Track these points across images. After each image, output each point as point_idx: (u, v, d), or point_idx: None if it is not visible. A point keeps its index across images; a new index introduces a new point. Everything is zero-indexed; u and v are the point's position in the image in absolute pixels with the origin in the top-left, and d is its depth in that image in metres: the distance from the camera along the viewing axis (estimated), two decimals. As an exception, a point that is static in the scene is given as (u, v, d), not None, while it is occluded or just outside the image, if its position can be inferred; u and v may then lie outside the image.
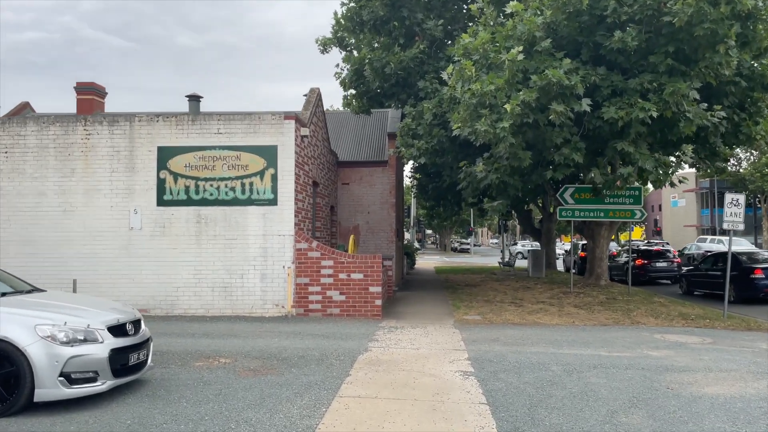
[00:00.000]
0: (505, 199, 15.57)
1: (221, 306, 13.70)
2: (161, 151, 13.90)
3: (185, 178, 13.83)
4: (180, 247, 13.80)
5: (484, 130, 12.16)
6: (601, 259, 22.61)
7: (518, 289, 21.25)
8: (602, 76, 13.38)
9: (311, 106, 16.19)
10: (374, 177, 20.63)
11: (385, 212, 20.55)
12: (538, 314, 14.58)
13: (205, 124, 13.91)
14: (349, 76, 18.22)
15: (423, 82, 16.83)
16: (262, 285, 13.67)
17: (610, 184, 14.21)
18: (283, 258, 13.67)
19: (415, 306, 16.11)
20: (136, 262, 13.81)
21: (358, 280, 13.57)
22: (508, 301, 17.36)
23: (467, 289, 20.94)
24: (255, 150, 13.80)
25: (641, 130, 13.37)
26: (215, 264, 13.74)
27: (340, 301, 13.57)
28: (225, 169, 13.80)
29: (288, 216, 13.70)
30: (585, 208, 19.69)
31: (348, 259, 13.64)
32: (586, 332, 11.95)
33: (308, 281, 13.67)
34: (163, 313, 13.71)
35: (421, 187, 33.19)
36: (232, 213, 13.78)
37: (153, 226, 13.86)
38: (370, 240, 20.66)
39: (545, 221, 31.68)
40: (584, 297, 18.43)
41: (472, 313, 14.74)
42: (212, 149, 13.84)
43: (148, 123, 14.00)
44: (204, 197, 13.81)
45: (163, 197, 13.85)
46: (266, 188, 13.77)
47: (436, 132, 16.08)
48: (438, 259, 51.02)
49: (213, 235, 13.78)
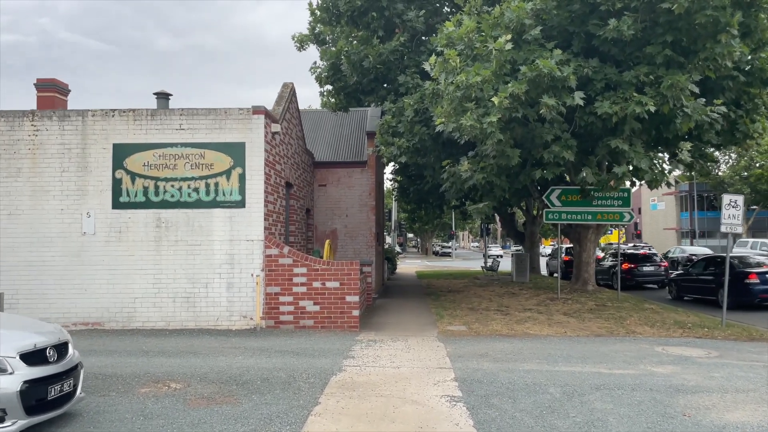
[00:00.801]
0: (491, 200, 14.59)
1: (183, 318, 12.50)
2: (117, 149, 12.69)
3: (144, 178, 12.63)
4: (138, 253, 12.59)
5: (470, 125, 11.16)
6: (587, 263, 21.82)
7: (503, 295, 20.33)
8: (595, 68, 12.48)
9: (284, 101, 15.08)
10: (353, 178, 19.54)
11: (364, 215, 19.47)
12: (527, 323, 13.63)
13: (165, 120, 12.74)
14: (325, 70, 17.12)
15: (404, 76, 15.78)
16: (228, 295, 12.52)
17: (603, 184, 13.32)
18: (251, 265, 12.53)
19: (395, 315, 15.05)
20: (89, 271, 12.57)
21: (334, 288, 12.48)
22: (494, 309, 16.41)
23: (450, 296, 19.95)
24: (221, 147, 12.66)
25: (636, 127, 12.49)
26: (177, 272, 12.55)
27: (314, 312, 12.46)
28: (188, 169, 12.64)
29: (257, 219, 12.57)
30: (572, 210, 18.85)
31: (323, 266, 12.55)
32: (580, 344, 11.00)
33: (279, 290, 12.54)
34: (119, 327, 12.49)
35: (402, 190, 32.21)
36: (196, 216, 12.61)
37: (108, 230, 12.63)
38: (348, 245, 19.56)
39: (529, 224, 30.88)
40: (572, 303, 17.55)
41: (456, 322, 13.73)
42: (174, 146, 12.67)
43: (103, 118, 12.79)
44: (164, 199, 12.62)
45: (119, 199, 12.64)
46: (233, 189, 12.62)
47: (418, 129, 15.04)
48: (419, 264, 50.05)
49: (174, 240, 12.60)
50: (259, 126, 12.68)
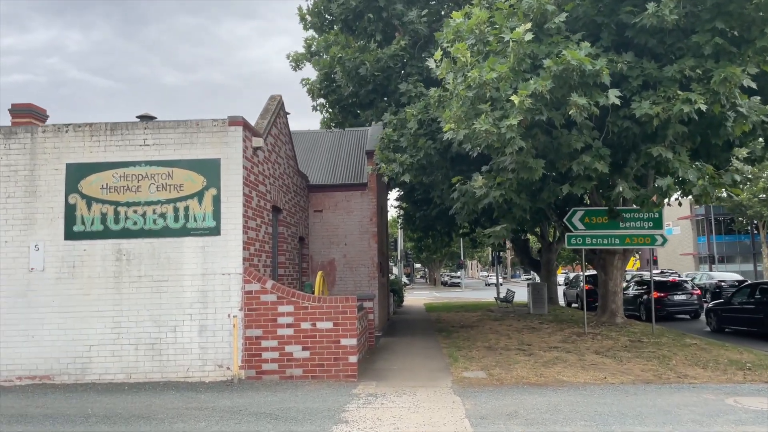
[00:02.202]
0: (509, 222, 12.58)
1: (148, 369, 10.46)
2: (71, 170, 10.84)
3: (102, 203, 10.74)
4: (94, 292, 10.62)
5: (485, 129, 9.24)
6: (615, 293, 19.72)
7: (522, 330, 18.18)
8: (630, 63, 10.60)
9: (270, 114, 13.26)
10: (351, 202, 17.62)
11: (365, 243, 17.48)
12: (557, 366, 11.52)
13: (127, 134, 10.90)
14: (317, 81, 15.36)
15: (405, 84, 13.94)
16: (200, 340, 10.49)
17: (643, 201, 11.32)
18: (228, 304, 10.53)
19: (401, 359, 12.93)
20: (36, 314, 10.60)
21: (327, 330, 10.44)
22: (515, 348, 14.29)
23: (463, 332, 17.80)
24: (192, 165, 10.79)
25: (681, 131, 10.55)
26: (140, 313, 10.56)
27: (303, 358, 10.40)
28: (153, 191, 10.75)
29: (234, 249, 10.62)
30: (598, 234, 16.87)
31: (313, 304, 10.52)
32: (629, 396, 8.87)
33: (261, 333, 10.51)
34: (72, 380, 10.45)
35: (407, 217, 30.28)
36: (163, 246, 10.67)
37: (60, 265, 10.70)
38: (348, 276, 17.54)
39: (545, 252, 28.78)
40: (603, 339, 15.41)
41: (473, 367, 11.63)
42: (137, 165, 10.81)
43: (55, 134, 10.97)
44: (126, 227, 10.70)
45: (72, 228, 10.73)
46: (206, 213, 10.70)
47: (423, 143, 13.13)
48: (428, 295, 47.77)
49: (137, 275, 10.64)
50: (237, 139, 10.82)
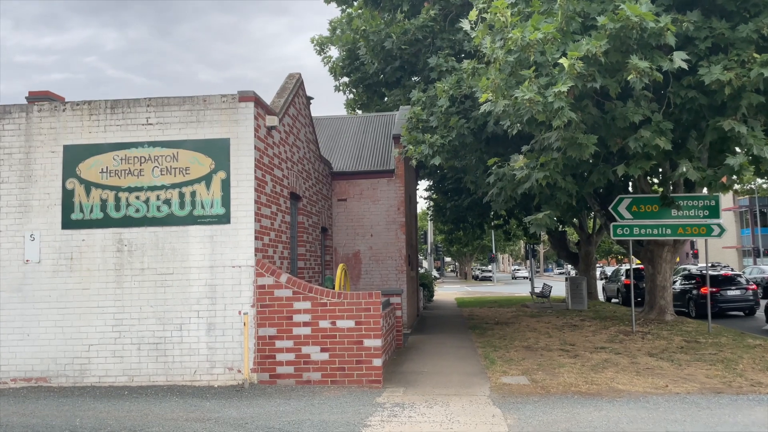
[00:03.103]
0: (552, 209, 11.22)
1: (151, 371, 9.47)
2: (69, 152, 9.88)
3: (101, 188, 9.76)
4: (93, 286, 9.66)
5: (528, 98, 7.93)
6: (664, 288, 18.30)
7: (563, 327, 16.81)
8: (696, 23, 9.16)
9: (287, 93, 12.15)
10: (378, 191, 16.44)
11: (393, 234, 16.29)
12: (608, 371, 10.20)
13: (129, 113, 9.90)
14: (340, 59, 14.18)
15: (435, 58, 12.66)
16: (208, 340, 9.45)
17: (711, 183, 9.87)
18: (238, 299, 9.47)
19: (432, 360, 11.73)
20: (32, 310, 9.69)
21: (348, 329, 9.30)
22: (557, 348, 12.98)
23: (498, 330, 16.51)
24: (199, 146, 9.73)
25: (756, 102, 9.07)
26: (143, 310, 9.57)
27: (322, 361, 9.28)
28: (157, 174, 9.73)
29: (245, 238, 9.53)
30: (646, 224, 15.43)
31: (333, 300, 9.38)
32: (703, 411, 7.51)
33: (275, 333, 9.42)
34: (70, 383, 9.52)
35: (437, 209, 28.97)
36: (167, 236, 9.65)
37: (57, 257, 9.77)
38: (374, 270, 16.39)
39: (583, 244, 27.18)
40: (654, 339, 13.98)
41: (513, 370, 10.37)
42: (139, 147, 9.80)
43: (52, 114, 10.03)
44: (127, 215, 9.71)
45: (70, 216, 9.78)
46: (214, 200, 9.64)
47: (455, 122, 11.83)
48: (459, 289, 46.40)
49: (140, 268, 9.64)
50: (248, 117, 9.72)
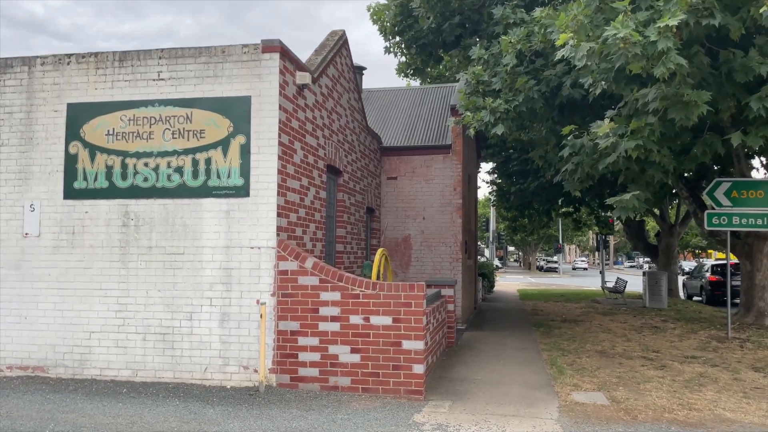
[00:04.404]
0: (642, 188, 9.15)
1: (157, 365, 8.17)
2: (73, 112, 8.65)
3: (107, 153, 8.49)
4: (96, 265, 8.44)
5: (623, 37, 6.00)
6: (763, 287, 15.85)
7: (642, 329, 14.63)
8: None
9: (327, 50, 10.56)
10: (432, 168, 14.69)
11: (447, 217, 14.51)
12: (706, 389, 8.20)
13: (139, 66, 8.55)
14: (391, 16, 12.49)
15: (501, 9, 10.74)
16: (221, 332, 8.05)
17: None
18: (256, 286, 8.01)
19: (488, 365, 9.96)
20: (30, 290, 8.57)
21: (384, 327, 7.67)
22: (638, 355, 10.97)
23: (566, 329, 14.51)
24: (215, 105, 8.28)
25: None
26: (150, 294, 8.27)
27: (352, 364, 7.70)
28: (168, 138, 8.36)
29: (266, 215, 8.04)
30: (749, 212, 13.12)
31: (366, 291, 7.77)
32: None
33: (298, 327, 7.91)
34: (69, 374, 8.36)
35: (501, 194, 26.84)
36: (178, 210, 8.29)
37: (58, 230, 8.60)
38: (426, 257, 14.69)
39: (664, 235, 24.47)
40: (756, 348, 11.74)
41: (586, 383, 8.51)
42: (149, 106, 8.45)
43: (55, 68, 8.81)
44: (135, 184, 8.41)
45: (73, 185, 8.57)
46: (232, 168, 8.19)
47: (522, 83, 9.88)
48: (521, 280, 44.01)
49: (147, 246, 8.33)
50: (272, 71, 8.18)
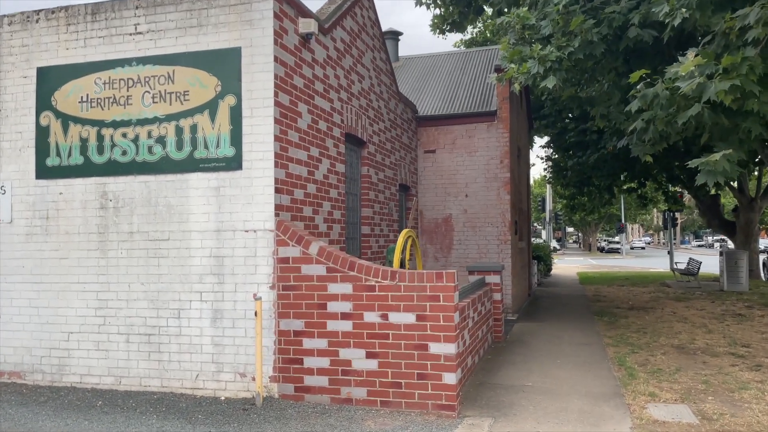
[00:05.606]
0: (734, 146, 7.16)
1: (142, 371, 6.92)
2: (43, 77, 7.44)
3: (81, 123, 7.24)
4: (73, 255, 7.24)
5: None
6: None
7: (723, 317, 12.60)
8: None
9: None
10: (475, 138, 12.97)
11: (494, 194, 12.79)
12: (829, 403, 6.31)
13: (114, 19, 7.23)
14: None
15: (550, -58, 8.86)
16: (214, 333, 6.71)
17: None
18: (253, 277, 6.62)
19: (541, 366, 8.29)
20: (4, 284, 7.47)
21: (406, 326, 6.14)
22: (724, 350, 9.10)
23: (635, 318, 12.61)
24: (200, 61, 6.88)
25: None
26: (132, 288, 7.01)
27: (368, 371, 6.22)
28: (148, 103, 7.03)
29: (262, 191, 6.62)
30: None
31: (383, 282, 6.25)
32: None
33: (302, 327, 6.48)
34: (47, 381, 7.23)
35: (557, 169, 24.71)
36: (161, 188, 6.97)
37: (31, 216, 7.44)
38: (470, 239, 13.03)
39: (743, 211, 21.86)
40: None
41: (665, 391, 6.78)
42: (126, 66, 7.13)
43: (23, 27, 7.60)
44: (113, 158, 7.14)
45: (45, 162, 7.38)
46: (221, 136, 6.79)
47: (578, 24, 7.96)
48: (581, 262, 41.49)
49: (128, 231, 7.07)
50: (266, 14, 6.70)
